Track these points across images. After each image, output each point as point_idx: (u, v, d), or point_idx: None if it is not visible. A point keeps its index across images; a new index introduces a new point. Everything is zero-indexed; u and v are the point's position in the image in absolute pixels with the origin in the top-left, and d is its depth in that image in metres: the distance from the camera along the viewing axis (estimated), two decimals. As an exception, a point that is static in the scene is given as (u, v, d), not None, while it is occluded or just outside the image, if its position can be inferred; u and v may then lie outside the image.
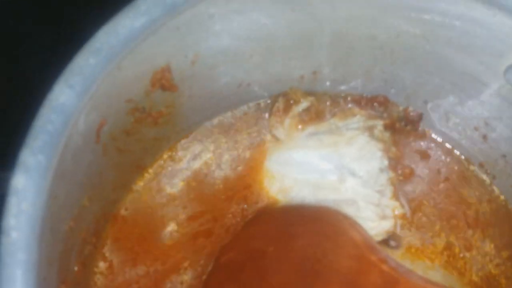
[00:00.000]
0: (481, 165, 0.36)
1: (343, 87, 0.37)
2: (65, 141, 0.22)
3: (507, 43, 0.30)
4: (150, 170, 0.35)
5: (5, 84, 0.39)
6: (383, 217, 0.34)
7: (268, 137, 0.37)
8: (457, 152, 0.37)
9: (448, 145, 0.37)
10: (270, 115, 0.37)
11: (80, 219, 0.30)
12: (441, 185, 0.36)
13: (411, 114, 0.37)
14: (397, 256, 0.33)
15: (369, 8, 0.31)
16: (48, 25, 0.39)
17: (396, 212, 0.34)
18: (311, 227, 0.30)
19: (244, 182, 0.35)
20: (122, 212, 0.34)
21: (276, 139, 0.37)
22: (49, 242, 0.24)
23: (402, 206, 0.35)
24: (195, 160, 0.36)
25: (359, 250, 0.28)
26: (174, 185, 0.34)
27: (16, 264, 0.19)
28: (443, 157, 0.37)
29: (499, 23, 0.29)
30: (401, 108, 0.37)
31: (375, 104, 0.37)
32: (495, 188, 0.36)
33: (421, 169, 0.37)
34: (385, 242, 0.34)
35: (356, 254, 0.28)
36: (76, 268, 0.30)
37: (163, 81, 0.31)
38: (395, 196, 0.35)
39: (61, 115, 0.21)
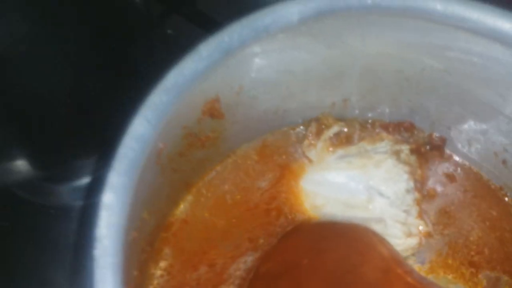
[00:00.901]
0: (501, 188, 0.39)
1: (371, 114, 0.41)
2: (143, 166, 0.26)
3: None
4: (198, 186, 0.39)
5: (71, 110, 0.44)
6: (409, 235, 0.37)
7: (302, 158, 0.40)
8: (481, 175, 0.40)
9: (471, 168, 0.40)
10: (304, 139, 0.41)
11: (141, 230, 0.34)
12: (465, 205, 0.39)
13: (436, 139, 0.40)
14: (421, 270, 0.36)
15: (397, 45, 0.34)
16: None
17: (422, 230, 0.37)
18: (342, 241, 0.33)
19: (281, 199, 0.39)
20: (173, 224, 0.38)
21: (309, 160, 0.40)
22: (124, 253, 0.28)
23: (427, 224, 0.38)
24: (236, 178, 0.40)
25: (386, 263, 0.31)
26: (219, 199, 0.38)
27: (107, 266, 0.23)
28: (466, 179, 0.40)
29: (514, 59, 0.32)
30: (426, 134, 0.40)
31: (402, 129, 0.41)
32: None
33: (446, 190, 0.40)
34: (411, 258, 0.37)
35: (383, 267, 0.30)
36: (135, 273, 0.34)
37: (213, 110, 0.35)
38: (420, 216, 0.38)
39: (140, 144, 0.26)
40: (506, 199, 0.39)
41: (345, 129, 0.41)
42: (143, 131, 0.26)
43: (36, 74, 0.38)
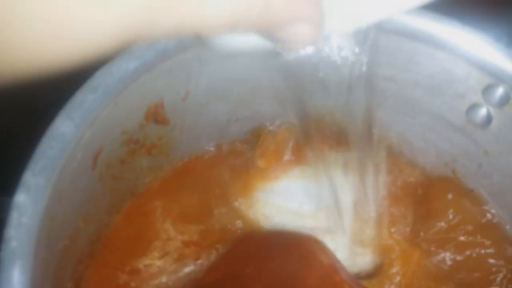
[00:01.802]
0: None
1: (324, 124, 0.40)
2: (62, 166, 0.25)
3: (467, 86, 0.33)
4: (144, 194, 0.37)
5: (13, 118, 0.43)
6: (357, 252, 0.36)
7: (254, 167, 0.40)
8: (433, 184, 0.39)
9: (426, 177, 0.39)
10: (256, 147, 0.40)
11: (75, 239, 0.32)
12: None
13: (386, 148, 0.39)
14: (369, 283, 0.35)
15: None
16: None
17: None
18: (285, 249, 0.33)
19: (231, 209, 0.38)
20: (114, 234, 0.36)
21: (261, 169, 0.39)
22: (44, 257, 0.27)
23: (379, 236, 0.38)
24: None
25: (325, 271, 0.31)
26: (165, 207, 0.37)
27: (14, 268, 0.22)
28: (421, 189, 0.39)
29: (459, 68, 0.32)
30: (376, 142, 0.40)
31: (354, 139, 0.40)
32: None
33: (400, 200, 0.39)
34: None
35: (322, 275, 0.30)
36: (69, 286, 0.33)
37: (156, 116, 0.34)
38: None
39: (60, 143, 0.25)
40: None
41: (300, 138, 0.40)
42: (64, 129, 0.25)
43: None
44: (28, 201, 0.23)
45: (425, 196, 0.38)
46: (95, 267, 0.35)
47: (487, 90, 0.32)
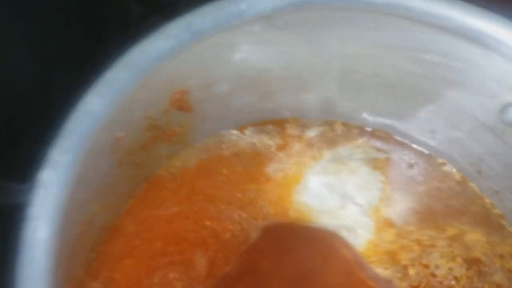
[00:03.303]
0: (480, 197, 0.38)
1: (349, 119, 0.39)
2: (91, 146, 0.24)
3: (502, 84, 0.32)
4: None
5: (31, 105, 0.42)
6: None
7: (275, 160, 0.38)
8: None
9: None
10: (279, 140, 0.39)
11: (90, 225, 0.31)
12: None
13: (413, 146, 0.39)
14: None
15: (375, 47, 0.33)
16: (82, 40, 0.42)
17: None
18: (305, 243, 0.32)
19: (246, 201, 0.37)
20: (129, 223, 0.35)
21: (282, 164, 0.38)
22: (61, 241, 0.26)
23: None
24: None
25: (349, 267, 0.29)
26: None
27: (37, 246, 0.21)
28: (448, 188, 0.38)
29: (494, 65, 0.31)
30: (401, 141, 0.39)
31: (379, 137, 0.39)
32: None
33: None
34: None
35: (346, 271, 0.29)
36: (81, 272, 0.31)
37: (181, 102, 0.33)
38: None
39: (90, 121, 0.23)
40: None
41: (322, 133, 0.39)
42: (94, 107, 0.24)
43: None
44: (55, 179, 0.22)
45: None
46: (108, 255, 0.34)
47: (523, 90, 0.31)
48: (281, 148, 0.38)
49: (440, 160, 0.39)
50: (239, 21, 0.28)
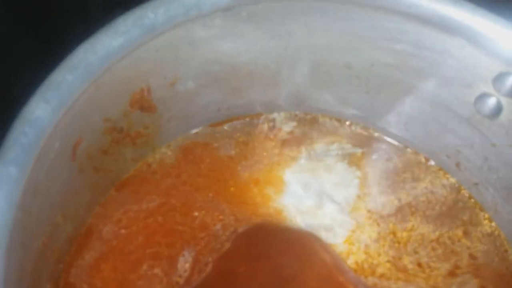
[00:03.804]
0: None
1: (323, 113, 0.38)
2: (38, 155, 0.22)
3: (476, 74, 0.31)
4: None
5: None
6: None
7: (249, 159, 0.37)
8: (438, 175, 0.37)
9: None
10: (251, 138, 0.38)
11: (54, 236, 0.29)
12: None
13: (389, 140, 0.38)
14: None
15: (344, 37, 0.32)
16: (28, 41, 0.40)
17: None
18: (283, 248, 0.31)
19: (218, 205, 0.35)
20: (96, 230, 0.33)
21: (257, 163, 0.37)
22: (20, 257, 0.24)
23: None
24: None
25: (328, 271, 0.29)
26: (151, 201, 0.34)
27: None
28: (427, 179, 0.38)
29: (467, 55, 0.30)
30: (376, 135, 0.38)
31: (353, 131, 0.38)
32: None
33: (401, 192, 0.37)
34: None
35: (325, 275, 0.28)
36: (48, 286, 0.30)
37: (142, 102, 0.32)
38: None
39: (35, 129, 0.22)
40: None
41: (296, 128, 0.38)
42: (39, 113, 0.22)
43: None
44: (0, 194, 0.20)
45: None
46: (75, 267, 0.32)
47: (498, 79, 0.30)
48: (253, 145, 0.37)
49: (417, 153, 0.38)
50: (196, 13, 0.27)
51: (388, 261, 0.34)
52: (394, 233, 0.35)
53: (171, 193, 0.34)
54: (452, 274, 0.34)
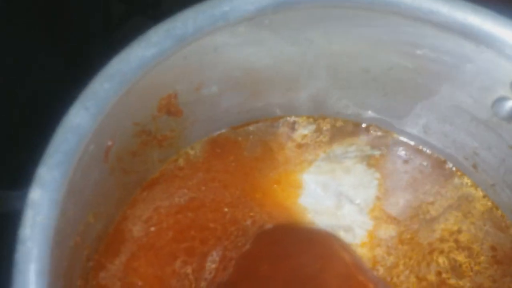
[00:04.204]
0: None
1: (341, 116, 0.39)
2: (77, 159, 0.24)
3: (494, 78, 0.31)
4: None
5: (24, 110, 0.42)
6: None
7: (269, 160, 0.38)
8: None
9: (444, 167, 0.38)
10: (271, 139, 0.39)
11: (85, 235, 0.31)
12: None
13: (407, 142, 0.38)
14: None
15: (363, 43, 0.33)
16: (61, 52, 0.42)
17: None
18: (304, 247, 0.32)
19: (243, 203, 0.36)
20: (125, 229, 0.35)
21: (277, 164, 0.38)
22: (57, 256, 0.26)
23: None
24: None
25: (348, 270, 0.29)
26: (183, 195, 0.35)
27: (29, 271, 0.20)
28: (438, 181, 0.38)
29: (486, 59, 0.31)
30: (394, 137, 0.39)
31: (372, 133, 0.39)
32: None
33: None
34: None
35: (345, 274, 0.29)
36: (78, 283, 0.31)
37: (169, 107, 0.33)
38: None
39: (76, 135, 0.23)
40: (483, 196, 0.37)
41: (315, 131, 0.39)
42: (80, 121, 0.23)
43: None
44: (44, 197, 0.22)
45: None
46: (106, 267, 0.34)
47: (516, 83, 0.31)
48: (273, 147, 0.38)
49: (435, 155, 0.38)
50: (223, 24, 0.28)
51: (405, 263, 0.35)
52: (412, 234, 0.36)
53: (201, 188, 0.35)
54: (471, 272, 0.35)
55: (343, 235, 0.35)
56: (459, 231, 0.36)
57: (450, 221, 0.37)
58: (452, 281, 0.35)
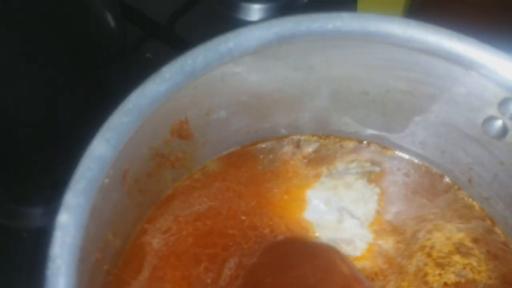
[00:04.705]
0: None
1: (343, 134, 0.41)
2: (99, 185, 0.27)
3: (483, 99, 0.34)
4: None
5: (44, 132, 0.44)
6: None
7: (273, 178, 0.41)
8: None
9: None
10: (277, 156, 0.41)
11: (105, 251, 0.33)
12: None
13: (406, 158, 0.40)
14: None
15: (361, 68, 0.35)
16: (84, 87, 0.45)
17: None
18: (306, 259, 0.34)
19: (259, 213, 0.38)
20: (144, 242, 0.37)
21: (282, 180, 0.40)
22: (81, 271, 0.28)
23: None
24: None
25: (347, 281, 0.31)
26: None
27: (58, 286, 0.23)
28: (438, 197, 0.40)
29: (475, 82, 0.33)
30: (393, 153, 0.41)
31: (371, 150, 0.41)
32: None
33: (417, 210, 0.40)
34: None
35: (344, 284, 0.31)
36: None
37: (181, 131, 0.36)
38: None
39: (98, 164, 0.26)
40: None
41: (318, 148, 0.41)
42: (102, 151, 0.26)
43: (4, 97, 0.38)
44: (70, 221, 0.25)
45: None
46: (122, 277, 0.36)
47: (503, 104, 0.33)
48: (279, 164, 0.40)
49: (432, 170, 0.40)
50: (229, 58, 0.31)
51: (405, 275, 0.37)
52: (411, 245, 0.38)
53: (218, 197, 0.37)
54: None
55: (344, 248, 0.37)
56: (460, 243, 0.38)
57: (449, 233, 0.39)
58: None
